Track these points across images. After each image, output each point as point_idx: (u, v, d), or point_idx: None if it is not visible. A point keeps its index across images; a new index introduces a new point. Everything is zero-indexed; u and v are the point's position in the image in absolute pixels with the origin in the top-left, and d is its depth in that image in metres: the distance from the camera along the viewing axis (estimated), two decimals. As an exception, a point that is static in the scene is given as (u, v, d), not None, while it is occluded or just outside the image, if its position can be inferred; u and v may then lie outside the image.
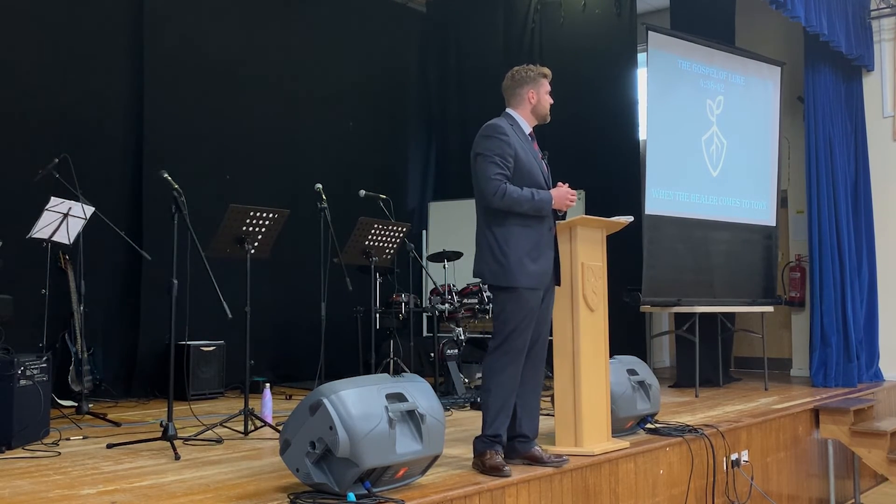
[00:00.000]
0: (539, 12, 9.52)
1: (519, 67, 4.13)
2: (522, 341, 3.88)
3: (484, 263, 3.94)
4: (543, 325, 4.05)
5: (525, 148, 3.99)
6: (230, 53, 7.72)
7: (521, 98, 4.07)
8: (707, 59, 7.54)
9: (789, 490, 5.77)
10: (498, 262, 3.88)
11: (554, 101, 4.19)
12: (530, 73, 4.09)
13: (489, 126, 3.96)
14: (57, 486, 3.54)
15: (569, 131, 9.04)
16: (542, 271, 3.94)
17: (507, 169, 3.87)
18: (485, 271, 3.94)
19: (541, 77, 4.10)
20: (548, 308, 4.07)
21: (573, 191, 4.10)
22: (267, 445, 4.56)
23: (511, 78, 4.12)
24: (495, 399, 3.86)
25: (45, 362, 4.71)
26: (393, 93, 9.41)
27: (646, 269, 6.96)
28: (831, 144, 7.72)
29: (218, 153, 7.52)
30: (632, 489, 4.34)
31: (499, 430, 3.85)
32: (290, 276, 7.74)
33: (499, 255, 3.88)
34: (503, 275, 3.87)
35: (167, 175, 4.68)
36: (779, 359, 8.72)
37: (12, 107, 6.32)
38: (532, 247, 3.91)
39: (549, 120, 4.16)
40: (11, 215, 5.70)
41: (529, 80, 4.07)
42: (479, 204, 3.95)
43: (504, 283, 3.88)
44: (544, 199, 3.94)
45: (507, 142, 3.90)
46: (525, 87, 4.07)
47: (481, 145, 3.91)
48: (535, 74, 4.09)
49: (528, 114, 4.09)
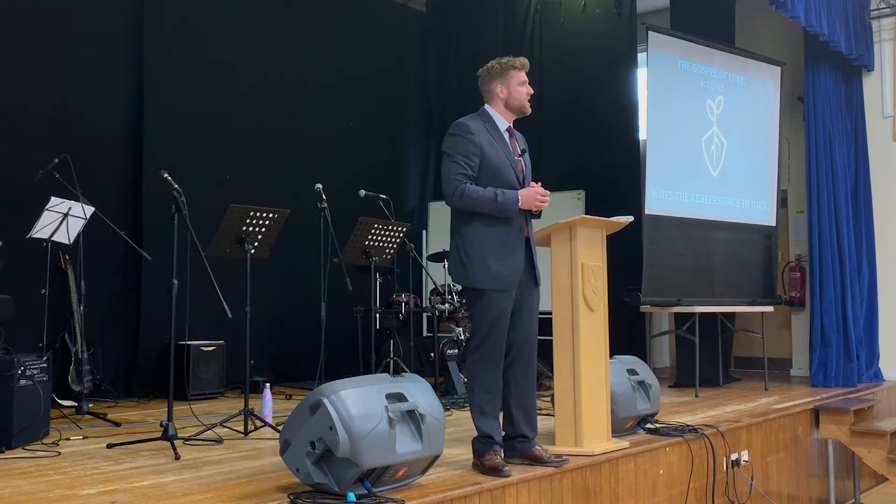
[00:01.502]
0: (539, 12, 9.51)
1: (491, 62, 4.00)
2: (500, 344, 3.83)
3: (453, 263, 3.92)
4: (529, 326, 3.97)
5: (496, 146, 3.92)
6: (230, 53, 7.72)
7: (492, 93, 3.98)
8: (707, 59, 7.54)
9: (789, 490, 5.77)
10: (462, 262, 3.85)
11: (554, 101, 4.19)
12: (497, 68, 3.97)
13: (456, 124, 3.89)
14: (57, 486, 3.54)
15: (569, 131, 9.06)
16: (511, 272, 3.85)
17: (469, 168, 3.81)
18: (452, 271, 3.92)
19: (510, 69, 3.97)
20: (531, 308, 3.98)
21: (544, 190, 3.95)
22: (267, 445, 4.56)
23: (482, 74, 4.02)
24: (479, 401, 3.83)
25: (45, 362, 4.71)
26: (393, 93, 9.41)
27: (646, 269, 6.96)
28: (831, 144, 7.72)
29: (218, 153, 7.52)
30: (632, 489, 4.34)
31: (489, 431, 3.81)
32: (290, 276, 7.74)
33: (463, 256, 3.85)
34: (467, 276, 3.84)
35: (167, 175, 4.68)
36: (779, 359, 8.72)
37: (12, 107, 6.32)
38: (498, 247, 3.83)
39: (528, 112, 4.05)
40: (11, 215, 5.70)
41: (497, 75, 3.96)
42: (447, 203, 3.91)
43: (469, 283, 3.85)
44: (509, 200, 3.82)
45: (472, 140, 3.82)
46: (494, 83, 3.97)
47: (446, 143, 3.86)
48: (503, 67, 3.96)
49: (503, 108, 4.00)
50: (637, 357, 5.14)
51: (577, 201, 8.45)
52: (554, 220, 4.35)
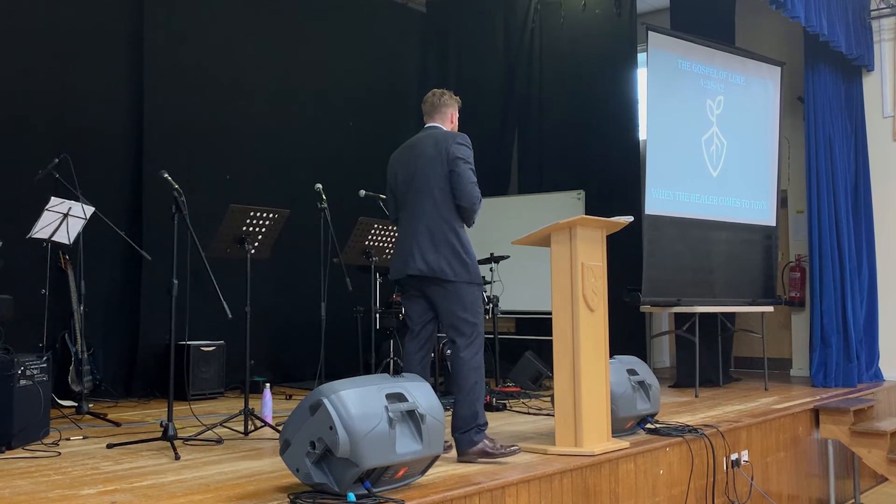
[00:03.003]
0: (539, 12, 9.51)
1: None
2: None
3: (444, 261, 4.12)
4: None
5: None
6: (230, 53, 7.72)
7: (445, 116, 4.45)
8: (707, 59, 7.54)
9: (789, 490, 5.77)
10: (462, 261, 4.13)
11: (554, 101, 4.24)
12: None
13: (465, 136, 4.25)
14: (57, 486, 3.54)
15: (569, 131, 9.06)
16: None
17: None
18: (445, 267, 4.11)
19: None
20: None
21: None
22: (267, 445, 4.56)
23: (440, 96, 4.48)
24: (482, 389, 4.07)
25: (45, 362, 4.71)
26: (393, 93, 9.40)
27: (646, 269, 6.96)
28: (831, 144, 7.72)
29: (218, 153, 7.51)
30: (632, 489, 4.34)
31: (486, 419, 4.11)
32: (290, 276, 7.73)
33: (463, 255, 4.14)
34: (468, 272, 4.14)
35: (167, 175, 4.68)
36: (779, 359, 8.72)
37: (12, 107, 6.31)
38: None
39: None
40: (11, 215, 5.70)
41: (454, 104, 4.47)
42: (449, 203, 4.16)
43: (471, 279, 4.16)
44: None
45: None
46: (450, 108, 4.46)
47: (464, 152, 4.18)
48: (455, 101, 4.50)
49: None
50: (637, 357, 5.15)
51: (577, 201, 8.46)
52: (554, 220, 4.36)
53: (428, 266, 4.11)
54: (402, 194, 4.30)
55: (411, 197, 4.24)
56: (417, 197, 4.20)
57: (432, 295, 4.19)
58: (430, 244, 4.13)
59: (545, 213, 4.20)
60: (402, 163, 4.36)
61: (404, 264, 4.20)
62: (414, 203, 4.22)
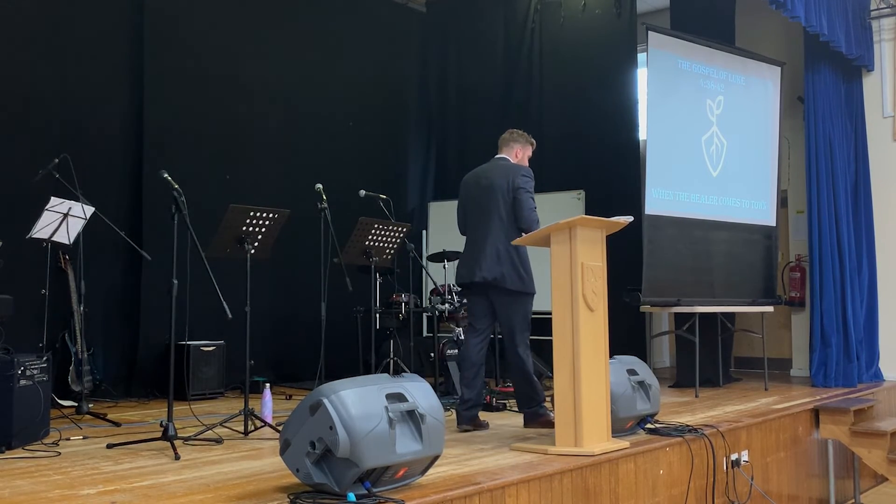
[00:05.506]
0: (539, 12, 9.51)
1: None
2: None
3: (507, 271, 4.91)
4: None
5: None
6: (230, 53, 7.72)
7: (512, 150, 5.26)
8: (707, 59, 7.54)
9: (789, 490, 5.77)
10: (519, 274, 4.93)
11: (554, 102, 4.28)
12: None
13: (530, 170, 5.07)
14: (57, 486, 3.54)
15: (569, 131, 9.05)
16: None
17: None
18: (506, 277, 4.91)
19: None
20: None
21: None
22: (267, 445, 4.56)
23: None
24: (533, 374, 5.02)
25: (45, 362, 4.71)
26: (393, 93, 9.41)
27: (646, 269, 6.96)
28: (831, 144, 7.72)
29: (218, 153, 7.52)
30: (632, 489, 4.34)
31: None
32: (290, 276, 7.74)
33: (520, 269, 4.93)
34: (524, 284, 4.96)
35: (167, 175, 4.68)
36: (779, 359, 8.72)
37: (13, 107, 6.32)
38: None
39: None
40: (11, 215, 5.71)
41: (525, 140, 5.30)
42: (512, 225, 4.94)
43: (526, 290, 4.98)
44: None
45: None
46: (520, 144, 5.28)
47: (526, 182, 4.97)
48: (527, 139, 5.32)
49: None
50: (637, 357, 5.14)
51: (577, 201, 8.46)
52: (554, 220, 4.36)
53: (491, 275, 4.91)
54: (472, 212, 5.12)
55: (481, 216, 5.03)
56: (486, 217, 5.00)
57: (494, 300, 5.00)
58: (494, 257, 4.92)
59: (545, 213, 4.29)
60: (474, 186, 5.16)
61: (470, 272, 5.01)
62: (483, 222, 5.01)
